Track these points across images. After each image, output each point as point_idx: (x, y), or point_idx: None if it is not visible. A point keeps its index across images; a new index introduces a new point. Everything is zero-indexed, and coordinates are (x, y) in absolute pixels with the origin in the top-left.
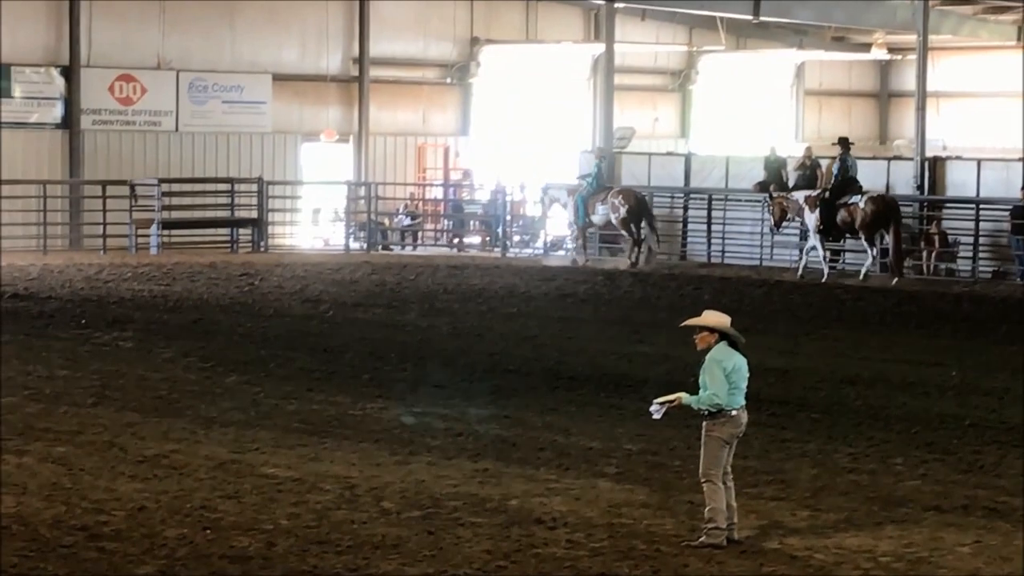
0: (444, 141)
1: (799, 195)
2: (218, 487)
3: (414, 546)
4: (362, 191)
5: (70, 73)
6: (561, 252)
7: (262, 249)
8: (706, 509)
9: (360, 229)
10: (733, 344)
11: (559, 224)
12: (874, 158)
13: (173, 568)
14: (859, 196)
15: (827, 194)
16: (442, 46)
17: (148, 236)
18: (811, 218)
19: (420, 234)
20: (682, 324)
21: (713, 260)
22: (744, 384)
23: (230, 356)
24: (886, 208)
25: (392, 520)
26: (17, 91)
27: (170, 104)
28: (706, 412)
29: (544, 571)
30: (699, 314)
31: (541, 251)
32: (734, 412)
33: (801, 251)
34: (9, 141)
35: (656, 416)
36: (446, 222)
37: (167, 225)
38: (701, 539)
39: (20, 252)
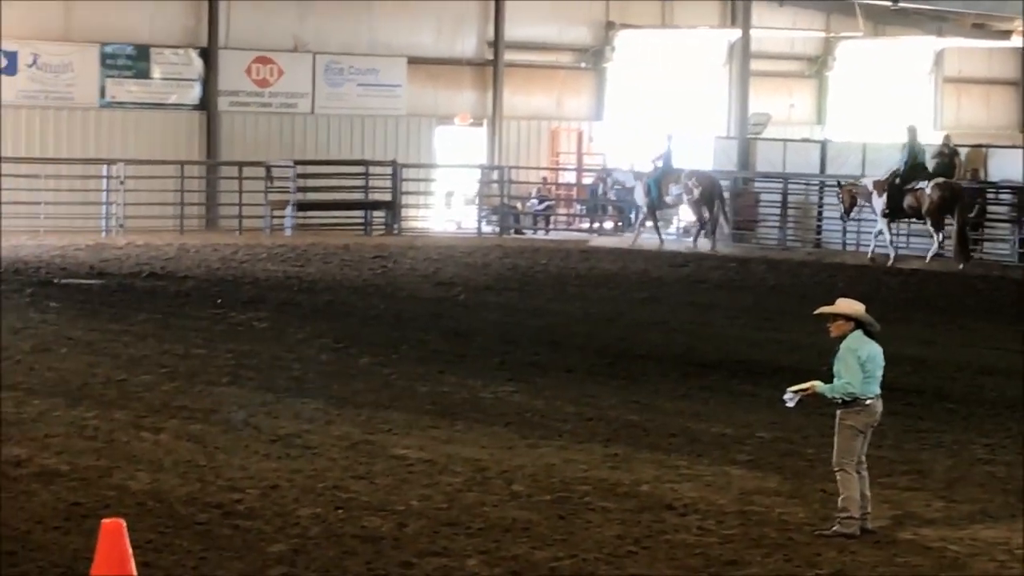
0: (578, 126)
1: (867, 180)
2: (350, 467)
3: (544, 530)
4: (495, 175)
5: (208, 55)
6: (690, 238)
7: (395, 232)
8: (839, 498)
9: (492, 213)
10: (868, 332)
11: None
12: (1013, 147)
13: (305, 547)
14: (926, 182)
15: (897, 179)
16: (577, 30)
17: (283, 217)
18: (878, 203)
19: (552, 218)
20: (816, 312)
21: (848, 248)
22: (879, 373)
23: (363, 337)
24: (951, 194)
25: (522, 503)
26: (156, 72)
27: (306, 86)
28: (840, 401)
29: (674, 557)
30: (833, 302)
31: (673, 236)
32: (869, 401)
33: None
34: (148, 121)
35: (790, 404)
36: (578, 207)
37: (302, 207)
38: (834, 528)
39: (157, 232)
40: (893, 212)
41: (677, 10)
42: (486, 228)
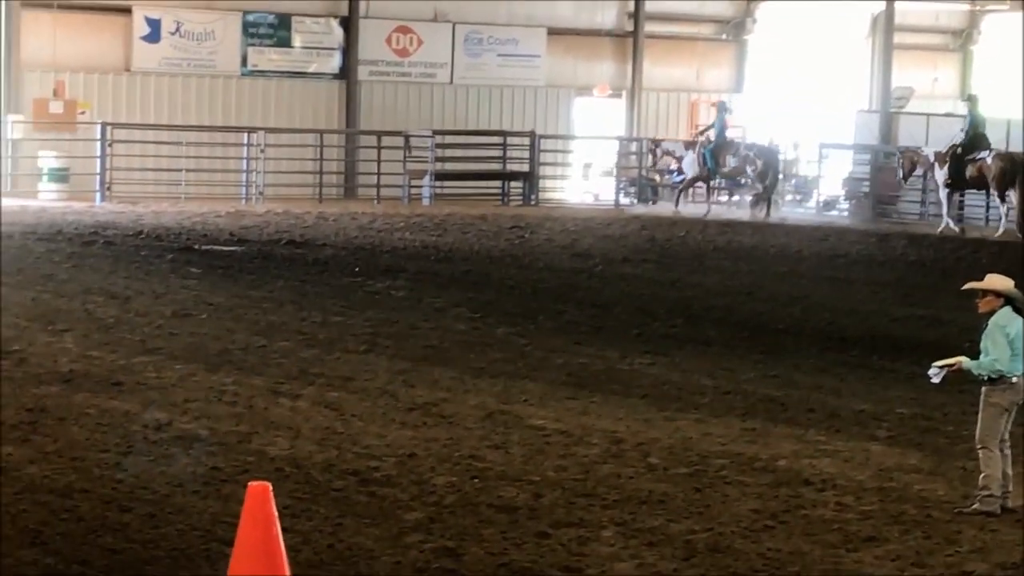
0: (717, 98)
1: (929, 151)
2: (486, 437)
3: (680, 503)
4: (633, 147)
5: (349, 24)
6: (834, 212)
7: (532, 202)
8: (980, 476)
9: (631, 185)
10: (1017, 309)
11: (833, 183)
12: None
13: (441, 515)
14: (987, 152)
15: (959, 149)
16: (718, 3)
17: (421, 187)
18: (940, 173)
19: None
20: (965, 287)
21: (991, 224)
22: None
23: (499, 307)
24: (1013, 165)
25: (659, 476)
26: (297, 41)
27: (445, 56)
28: (986, 378)
29: (812, 532)
30: (978, 277)
31: (814, 210)
32: (1015, 379)
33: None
34: (288, 90)
35: (935, 380)
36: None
37: (440, 176)
38: (974, 506)
39: (296, 199)
40: (955, 183)
41: None
42: (624, 200)
